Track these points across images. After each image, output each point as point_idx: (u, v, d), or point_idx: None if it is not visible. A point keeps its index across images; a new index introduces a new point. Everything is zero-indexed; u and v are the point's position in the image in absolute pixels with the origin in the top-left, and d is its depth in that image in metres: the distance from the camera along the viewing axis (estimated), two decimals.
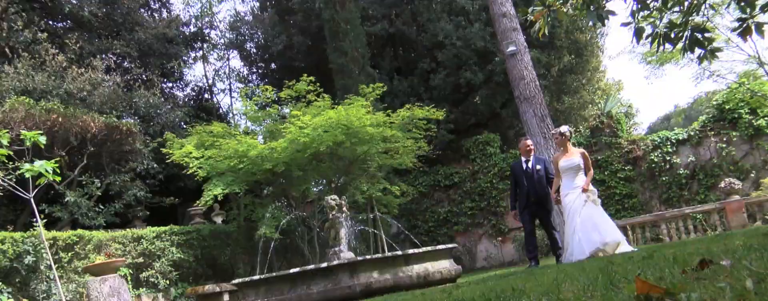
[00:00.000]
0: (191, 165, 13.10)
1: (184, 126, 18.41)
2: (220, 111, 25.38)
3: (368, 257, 7.65)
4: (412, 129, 14.23)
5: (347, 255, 8.67)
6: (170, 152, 13.63)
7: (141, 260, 12.41)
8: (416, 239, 15.97)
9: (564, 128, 8.02)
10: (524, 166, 8.70)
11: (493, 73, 18.86)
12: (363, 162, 14.02)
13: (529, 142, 8.88)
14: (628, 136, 17.02)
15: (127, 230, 12.91)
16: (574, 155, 7.77)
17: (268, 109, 14.98)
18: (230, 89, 26.98)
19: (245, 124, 18.61)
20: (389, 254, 7.88)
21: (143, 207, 16.72)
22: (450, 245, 8.71)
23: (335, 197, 9.71)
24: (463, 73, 18.79)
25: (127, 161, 15.98)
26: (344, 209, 9.38)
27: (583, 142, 17.08)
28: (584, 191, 7.48)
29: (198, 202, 12.84)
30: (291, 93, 14.07)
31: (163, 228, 13.20)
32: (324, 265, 7.46)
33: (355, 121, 12.47)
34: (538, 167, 8.64)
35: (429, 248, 8.20)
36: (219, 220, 16.32)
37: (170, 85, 23.69)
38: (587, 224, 7.28)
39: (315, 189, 16.01)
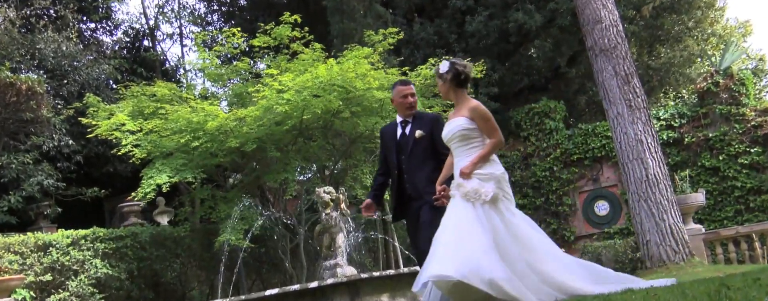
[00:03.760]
0: (124, 142, 13.13)
1: (114, 86, 18.44)
2: (167, 65, 25.38)
3: (375, 273, 7.69)
4: (438, 93, 14.19)
5: (346, 271, 8.71)
6: (93, 122, 13.66)
7: (49, 277, 12.45)
8: None
9: (444, 66, 6.38)
10: (399, 131, 6.94)
11: (556, 15, 18.70)
12: (369, 141, 14.00)
13: (407, 87, 6.97)
14: (757, 104, 16.88)
15: (29, 234, 12.91)
16: (461, 114, 6.13)
17: (235, 63, 14.95)
18: (181, 34, 26.93)
19: (203, 84, 18.61)
20: (404, 269, 7.91)
21: (53, 201, 16.75)
22: None
23: (330, 189, 9.74)
24: (514, 14, 18.66)
25: (28, 135, 15.99)
26: (343, 206, 9.42)
27: (687, 113, 16.97)
28: (462, 175, 5.90)
29: (134, 194, 12.88)
30: (268, 41, 14.03)
31: (82, 232, 13.23)
32: (314, 284, 7.50)
33: (356, 81, 12.43)
34: (419, 132, 6.75)
35: None
36: (164, 220, 16.38)
37: (92, 26, 23.65)
38: (441, 242, 5.73)
39: (301, 178, 16.05)
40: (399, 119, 6.94)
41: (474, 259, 5.41)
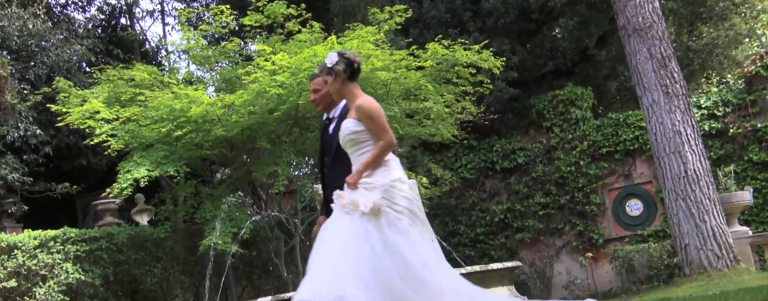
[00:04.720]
0: (98, 132, 13.12)
1: (88, 69, 18.43)
2: (147, 46, 25.37)
3: None
4: (452, 78, 14.15)
5: None
6: (64, 109, 13.65)
7: (13, 283, 12.46)
8: (456, 253, 15.98)
9: (331, 59, 6.05)
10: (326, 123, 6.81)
11: None
12: None
13: (310, 83, 6.76)
14: None
15: None
16: (351, 115, 5.97)
17: (223, 44, 14.91)
18: (162, 11, 26.94)
19: (187, 67, 18.58)
20: None
21: (18, 198, 16.76)
22: (510, 264, 8.73)
23: None
24: None
25: None
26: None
27: (732, 100, 16.90)
28: (348, 185, 5.79)
29: (109, 190, 12.86)
30: (260, 19, 13.99)
31: (51, 232, 13.24)
32: None
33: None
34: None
35: (476, 268, 8.21)
36: (144, 220, 16.40)
37: (62, 1, 23.67)
38: (316, 262, 5.62)
39: (298, 173, 16.03)
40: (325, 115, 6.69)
41: (340, 284, 5.24)
